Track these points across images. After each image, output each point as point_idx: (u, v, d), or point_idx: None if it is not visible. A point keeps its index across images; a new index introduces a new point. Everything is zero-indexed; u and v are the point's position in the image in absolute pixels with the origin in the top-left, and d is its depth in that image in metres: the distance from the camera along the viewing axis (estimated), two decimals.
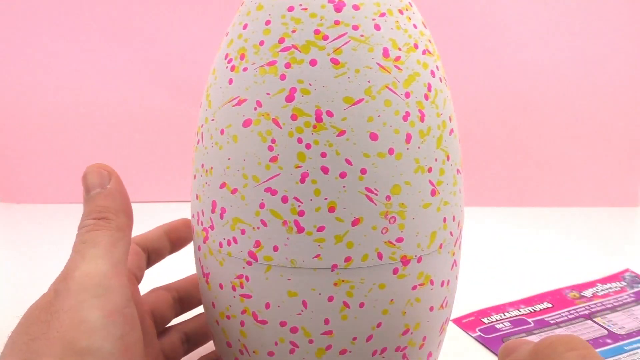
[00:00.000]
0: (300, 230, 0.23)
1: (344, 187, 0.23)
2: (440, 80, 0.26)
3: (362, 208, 0.23)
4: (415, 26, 0.25)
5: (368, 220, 0.23)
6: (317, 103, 0.22)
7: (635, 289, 0.49)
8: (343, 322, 0.24)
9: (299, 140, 0.23)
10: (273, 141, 0.23)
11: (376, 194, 0.23)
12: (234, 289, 0.25)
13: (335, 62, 0.23)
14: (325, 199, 0.23)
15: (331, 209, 0.23)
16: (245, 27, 0.24)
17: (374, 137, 0.23)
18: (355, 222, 0.23)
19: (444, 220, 0.25)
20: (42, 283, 0.52)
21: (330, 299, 0.24)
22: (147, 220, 0.71)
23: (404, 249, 0.24)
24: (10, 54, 0.71)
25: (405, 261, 0.24)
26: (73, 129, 0.73)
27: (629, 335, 0.42)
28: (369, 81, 0.23)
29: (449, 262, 0.27)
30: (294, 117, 0.23)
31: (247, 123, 0.23)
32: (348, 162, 0.23)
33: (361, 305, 0.24)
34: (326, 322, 0.24)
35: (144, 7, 0.70)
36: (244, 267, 0.24)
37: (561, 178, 0.73)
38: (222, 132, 0.24)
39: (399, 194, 0.23)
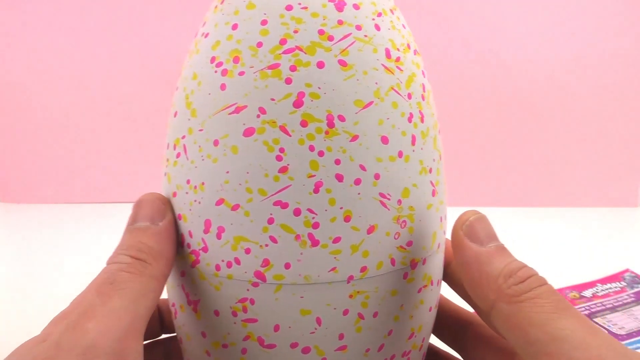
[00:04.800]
0: (315, 243, 0.21)
1: (359, 194, 0.22)
2: (428, 80, 0.25)
3: (377, 214, 0.22)
4: (404, 26, 0.25)
5: (382, 227, 0.22)
6: (328, 107, 0.21)
7: (635, 289, 0.49)
8: (357, 334, 0.23)
9: (311, 148, 0.21)
10: (281, 150, 0.21)
11: (389, 199, 0.22)
12: (234, 314, 0.23)
13: (343, 63, 0.22)
14: (341, 208, 0.21)
15: (347, 218, 0.22)
16: (235, 27, 0.23)
17: (384, 140, 0.22)
18: (370, 230, 0.22)
19: (441, 219, 0.25)
20: (42, 283, 0.52)
21: (346, 312, 0.22)
22: None
23: (412, 253, 0.23)
24: (10, 54, 0.71)
25: (413, 264, 0.24)
26: (73, 129, 0.73)
27: (629, 335, 0.42)
28: (376, 83, 0.22)
29: (443, 260, 0.27)
30: (304, 124, 0.21)
31: (248, 132, 0.22)
32: (362, 167, 0.22)
33: (375, 314, 0.23)
34: (340, 337, 0.23)
35: (145, 8, 0.70)
36: (248, 290, 0.22)
37: (561, 178, 0.73)
38: (215, 143, 0.22)
39: (408, 197, 0.23)
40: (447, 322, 0.29)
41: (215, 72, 0.23)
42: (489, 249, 0.22)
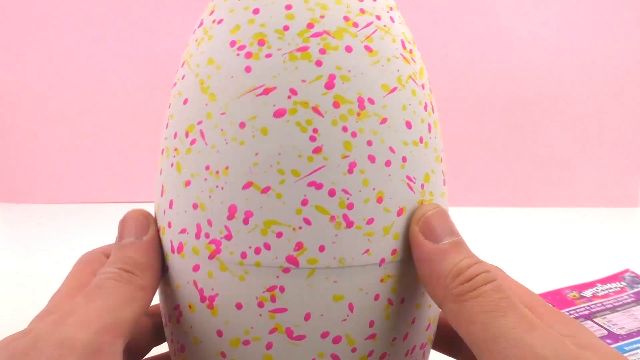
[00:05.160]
0: (350, 224, 0.21)
1: (389, 175, 0.22)
2: None
3: (405, 197, 0.22)
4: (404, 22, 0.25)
5: (409, 210, 0.22)
6: (359, 90, 0.21)
7: (635, 289, 0.49)
8: (386, 322, 0.22)
9: (344, 129, 0.21)
10: (315, 131, 0.21)
11: (414, 182, 0.22)
12: (260, 305, 0.21)
13: (369, 49, 0.22)
14: (374, 189, 0.21)
15: (379, 200, 0.22)
16: (256, 11, 0.22)
17: (408, 125, 0.22)
18: (400, 212, 0.22)
19: (447, 207, 0.26)
20: (42, 283, 0.52)
21: (377, 297, 0.22)
22: None
23: None
24: (10, 54, 0.71)
25: None
26: (72, 129, 0.73)
27: (629, 335, 0.42)
28: (398, 70, 0.23)
29: None
30: (336, 105, 0.21)
31: (279, 113, 0.21)
32: (392, 150, 0.22)
33: (402, 300, 0.23)
34: (371, 324, 0.22)
35: (145, 10, 0.70)
36: (278, 277, 0.21)
37: (561, 178, 0.73)
38: (242, 125, 0.21)
39: (428, 182, 0.23)
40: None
41: (238, 55, 0.22)
42: (443, 246, 0.21)
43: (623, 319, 0.44)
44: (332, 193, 0.21)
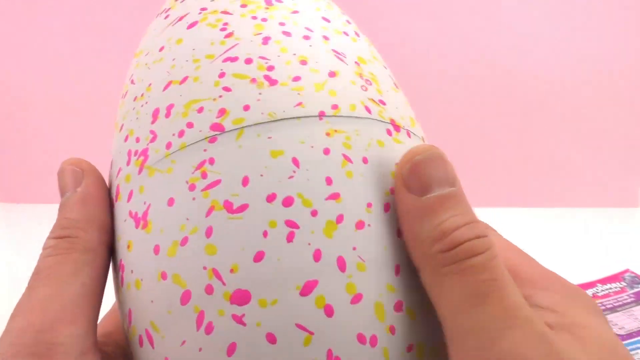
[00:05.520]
0: (273, 82, 0.20)
1: (310, 46, 0.22)
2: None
3: (335, 64, 0.21)
4: None
5: (344, 75, 0.21)
6: None
7: (635, 290, 0.49)
8: (350, 180, 0.19)
9: (254, 18, 0.22)
10: (225, 24, 0.22)
11: (345, 57, 0.22)
12: (191, 188, 0.19)
13: None
14: (294, 54, 0.21)
15: (303, 62, 0.21)
16: None
17: (325, 19, 0.23)
18: (332, 74, 0.21)
19: (412, 119, 0.24)
20: None
21: (327, 151, 0.19)
22: None
23: (389, 112, 0.21)
24: (10, 54, 0.71)
25: (395, 126, 0.21)
26: (73, 129, 0.73)
27: (629, 335, 0.42)
28: None
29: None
30: (243, 6, 0.23)
31: (192, 25, 0.23)
32: (308, 29, 0.22)
33: (365, 160, 0.20)
34: (328, 181, 0.19)
35: (144, 10, 0.70)
36: (205, 150, 0.19)
37: (561, 178, 0.73)
38: (161, 48, 0.23)
39: (365, 64, 0.22)
40: None
41: (164, 17, 0.25)
42: (426, 200, 0.17)
43: (623, 319, 0.44)
44: (248, 61, 0.21)
